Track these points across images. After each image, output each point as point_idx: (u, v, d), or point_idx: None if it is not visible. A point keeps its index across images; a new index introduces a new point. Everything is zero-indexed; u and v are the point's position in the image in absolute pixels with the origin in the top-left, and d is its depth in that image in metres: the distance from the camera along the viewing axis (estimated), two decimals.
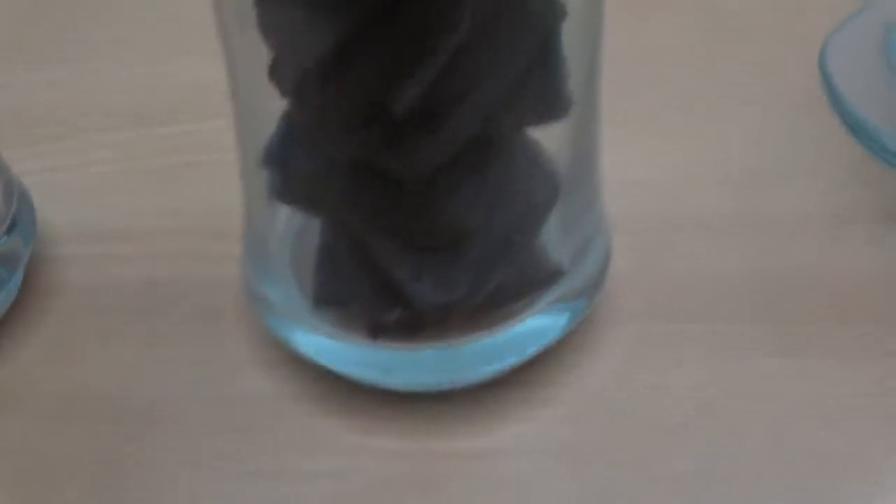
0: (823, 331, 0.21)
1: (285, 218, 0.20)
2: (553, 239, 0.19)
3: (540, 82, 0.16)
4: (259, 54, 0.16)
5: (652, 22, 0.31)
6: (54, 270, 0.23)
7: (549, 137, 0.18)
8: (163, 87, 0.29)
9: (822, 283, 0.22)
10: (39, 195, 0.24)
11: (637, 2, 0.31)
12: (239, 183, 0.20)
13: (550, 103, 0.16)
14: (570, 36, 0.16)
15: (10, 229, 0.22)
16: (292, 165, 0.17)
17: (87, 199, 0.25)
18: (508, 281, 0.18)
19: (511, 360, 0.20)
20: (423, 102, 0.15)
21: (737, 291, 0.22)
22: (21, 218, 0.23)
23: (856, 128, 0.21)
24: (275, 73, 0.16)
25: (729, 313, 0.22)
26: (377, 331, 0.18)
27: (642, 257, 0.23)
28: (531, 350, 0.20)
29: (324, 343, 0.19)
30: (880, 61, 0.21)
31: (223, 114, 0.25)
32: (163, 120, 0.28)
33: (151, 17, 0.33)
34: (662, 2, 0.32)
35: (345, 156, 0.16)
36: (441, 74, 0.14)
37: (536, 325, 0.19)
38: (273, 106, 0.17)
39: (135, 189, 0.26)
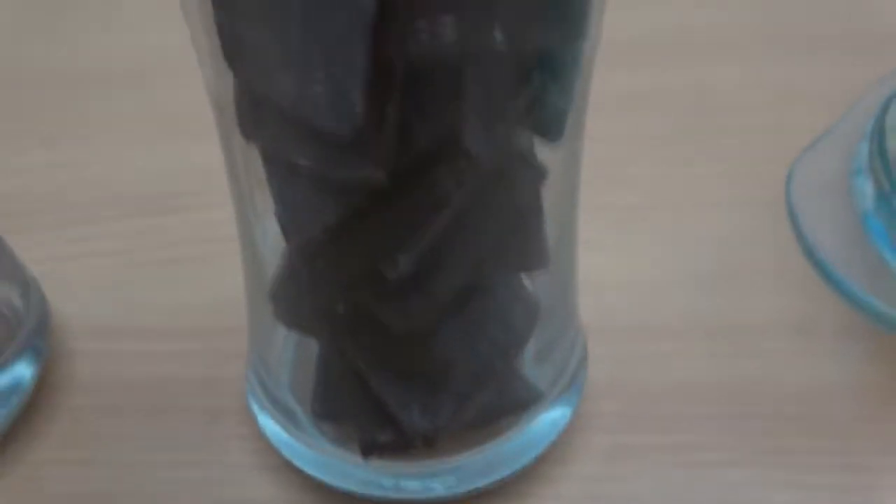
0: (785, 442, 0.23)
1: (286, 332, 0.22)
2: (531, 362, 0.21)
3: (522, 238, 0.18)
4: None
5: (628, 117, 0.32)
6: (65, 367, 0.25)
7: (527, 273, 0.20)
8: (164, 170, 0.31)
9: (784, 393, 0.24)
10: (47, 287, 0.26)
11: (612, 94, 0.31)
12: (240, 278, 0.22)
13: (531, 256, 0.18)
14: (549, 191, 0.18)
15: (30, 331, 0.24)
16: (294, 302, 0.19)
17: (93, 293, 0.27)
18: (490, 404, 0.20)
19: (502, 475, 0.21)
20: (415, 265, 0.16)
21: (703, 401, 0.24)
22: (39, 320, 0.24)
23: (815, 263, 0.23)
24: (282, 228, 0.17)
25: (696, 424, 0.23)
26: (370, 450, 0.20)
27: (614, 366, 0.24)
28: (520, 465, 0.21)
29: (319, 458, 0.21)
30: (843, 201, 0.23)
31: (223, 202, 0.27)
32: (164, 207, 0.30)
33: (154, 98, 0.35)
34: (638, 96, 0.34)
35: (342, 303, 0.17)
36: (432, 242, 0.16)
37: (523, 441, 0.21)
38: (275, 229, 0.19)
39: (140, 283, 0.27)
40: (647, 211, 0.29)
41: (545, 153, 0.18)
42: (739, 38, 0.37)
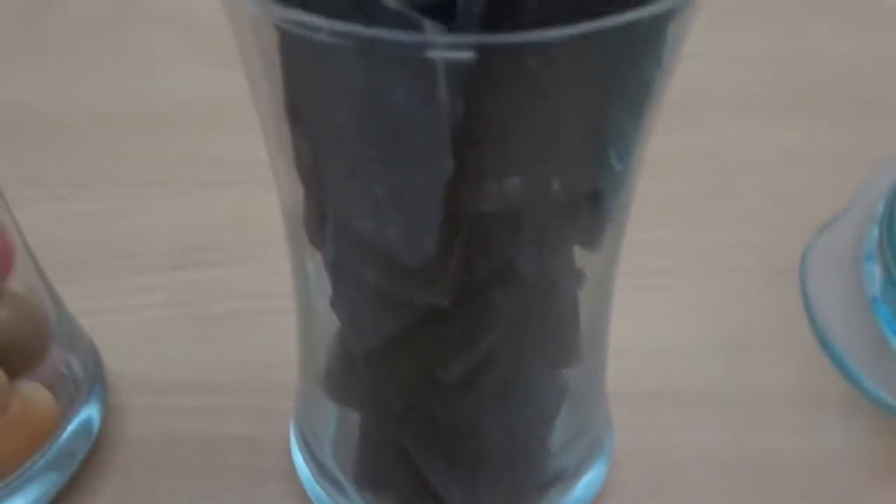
0: None
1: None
2: (563, 443, 0.22)
3: (560, 338, 0.19)
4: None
5: (645, 180, 0.34)
6: (115, 422, 0.27)
7: None
8: (206, 219, 0.33)
9: (796, 464, 0.26)
10: (96, 340, 0.28)
11: None
12: (282, 334, 0.23)
13: (568, 353, 0.20)
14: (587, 289, 0.20)
15: (89, 396, 0.25)
16: (347, 387, 0.21)
17: (141, 347, 0.29)
18: (524, 481, 0.22)
19: None
20: (467, 370, 0.18)
21: (718, 471, 0.25)
22: (97, 383, 0.26)
23: (824, 347, 0.24)
24: (342, 323, 0.19)
25: (715, 494, 0.25)
26: None
27: (634, 434, 0.26)
28: None
29: None
30: (855, 285, 0.25)
31: (263, 255, 0.28)
32: (207, 260, 0.31)
33: (193, 144, 0.36)
34: (656, 160, 0.35)
35: (395, 397, 0.19)
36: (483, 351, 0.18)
37: None
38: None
39: (186, 337, 0.29)
40: (664, 276, 0.31)
41: (585, 257, 0.19)
42: (758, 99, 0.38)
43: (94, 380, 0.26)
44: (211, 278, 0.31)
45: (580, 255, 0.19)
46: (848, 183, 0.32)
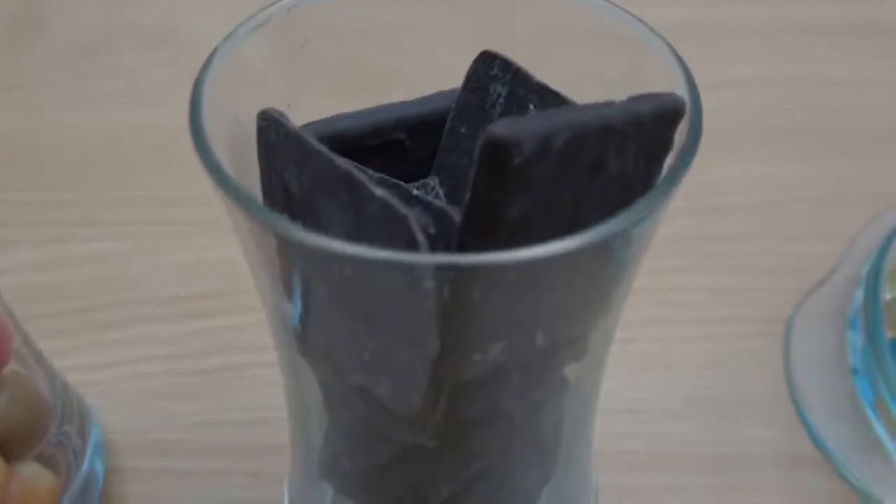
0: None
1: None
2: None
3: (544, 450, 0.20)
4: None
5: None
6: (117, 485, 0.27)
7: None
8: (202, 267, 0.33)
9: None
10: (90, 397, 0.28)
11: None
12: (274, 390, 0.23)
13: (551, 459, 0.20)
14: (573, 396, 0.20)
15: (89, 461, 0.26)
16: (341, 483, 0.21)
17: (136, 405, 0.29)
18: None
19: None
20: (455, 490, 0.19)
21: None
22: (96, 452, 0.27)
23: (803, 419, 0.25)
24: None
25: None
26: None
27: (617, 498, 0.27)
28: None
29: None
30: (838, 354, 0.25)
31: (260, 306, 0.29)
32: (201, 311, 0.31)
33: (188, 183, 0.34)
34: None
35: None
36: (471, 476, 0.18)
37: None
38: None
39: (180, 395, 0.29)
40: (649, 327, 0.31)
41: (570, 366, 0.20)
42: (751, 130, 0.38)
43: (89, 442, 0.27)
44: (207, 329, 0.31)
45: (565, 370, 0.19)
46: (846, 223, 0.32)
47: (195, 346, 0.31)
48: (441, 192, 0.18)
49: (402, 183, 0.17)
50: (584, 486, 0.24)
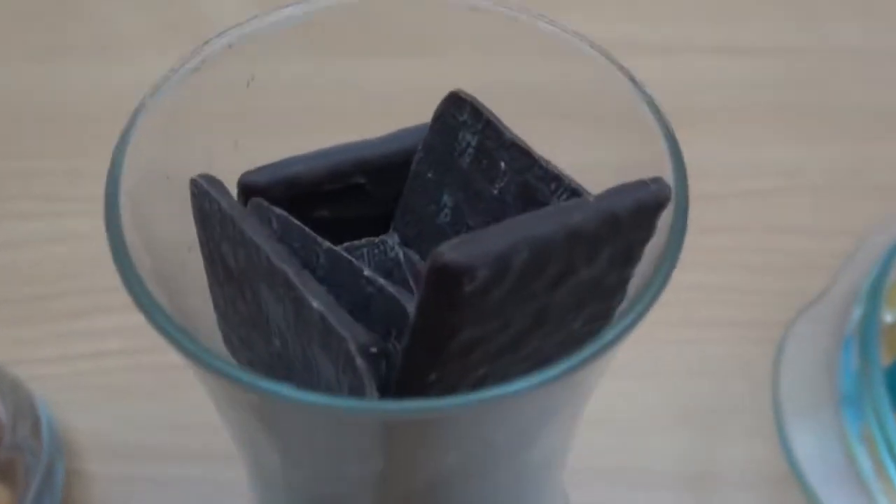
0: None
1: None
2: None
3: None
4: None
5: None
6: (80, 491, 0.26)
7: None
8: None
9: None
10: (50, 395, 0.27)
11: None
12: None
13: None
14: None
15: (47, 470, 0.25)
16: None
17: (98, 403, 0.28)
18: None
19: None
20: None
21: None
22: (54, 465, 0.26)
23: (785, 445, 0.24)
24: None
25: None
26: None
27: None
28: None
29: None
30: (830, 375, 0.24)
31: None
32: None
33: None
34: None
35: None
36: None
37: None
38: None
39: (144, 392, 0.28)
40: (638, 340, 0.30)
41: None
42: (754, 108, 0.35)
43: (44, 443, 0.26)
44: None
45: None
46: (854, 217, 0.30)
47: (159, 340, 0.30)
48: (400, 252, 0.17)
49: (353, 258, 0.15)
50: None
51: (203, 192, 0.14)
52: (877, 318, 0.26)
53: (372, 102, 0.18)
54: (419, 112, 0.18)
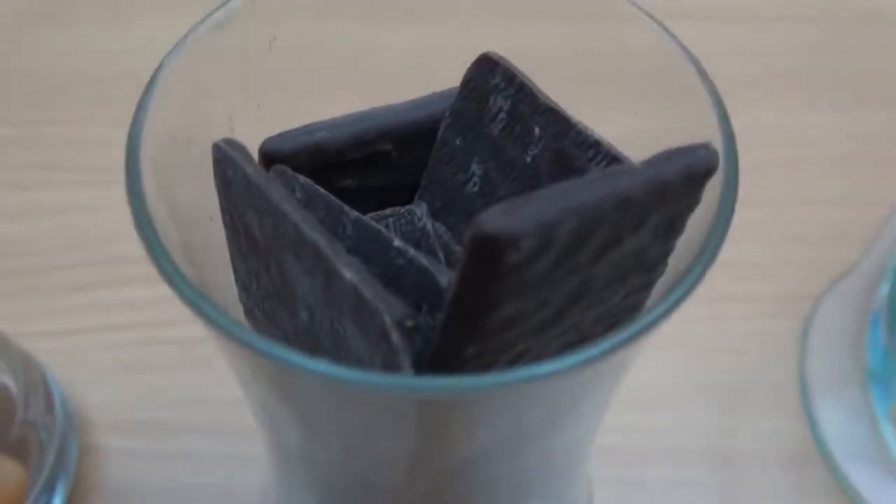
0: None
1: None
2: None
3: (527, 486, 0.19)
4: None
5: None
6: (92, 467, 0.26)
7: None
8: None
9: None
10: (63, 370, 0.27)
11: None
12: None
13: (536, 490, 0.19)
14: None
15: (60, 446, 0.25)
16: None
17: (111, 378, 0.27)
18: None
19: None
20: None
21: None
22: (67, 440, 0.25)
23: (811, 420, 0.23)
24: None
25: None
26: None
27: (618, 495, 0.25)
28: None
29: None
30: (855, 359, 0.23)
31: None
32: None
33: None
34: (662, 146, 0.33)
35: None
36: None
37: None
38: None
39: (158, 367, 0.28)
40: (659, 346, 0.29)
41: None
42: (772, 78, 0.34)
43: (57, 420, 0.26)
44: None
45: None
46: (888, 187, 0.29)
47: (172, 313, 0.29)
48: (428, 223, 0.16)
49: (382, 227, 0.14)
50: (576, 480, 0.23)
51: (227, 158, 0.14)
52: None
53: (400, 66, 0.17)
54: (448, 77, 0.17)
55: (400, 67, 0.17)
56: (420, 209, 0.16)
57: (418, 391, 0.11)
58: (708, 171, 0.13)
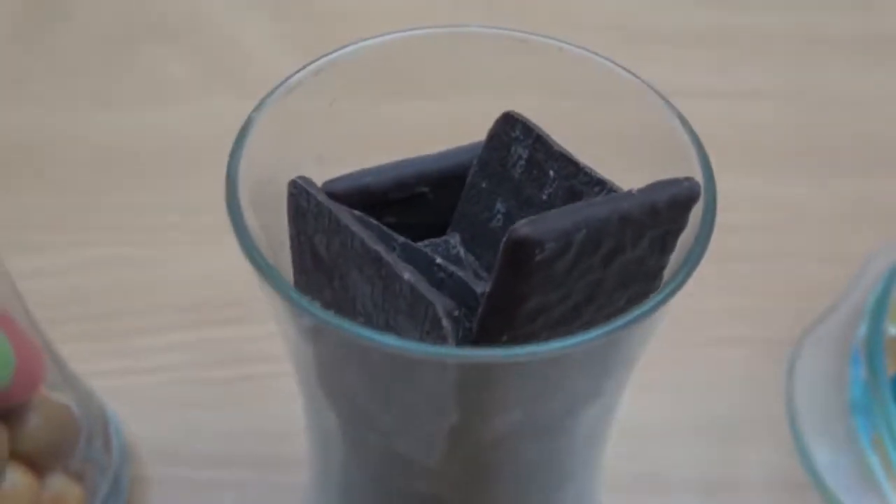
0: None
1: None
2: None
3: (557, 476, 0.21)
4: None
5: None
6: (141, 496, 0.29)
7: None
8: (226, 272, 0.31)
9: None
10: (118, 404, 0.29)
11: None
12: (296, 403, 0.24)
13: (557, 483, 0.21)
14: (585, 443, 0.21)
15: (115, 477, 0.27)
16: None
17: (159, 412, 0.30)
18: None
19: None
20: None
21: None
22: (121, 470, 0.28)
23: (800, 449, 0.26)
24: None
25: None
26: None
27: None
28: None
29: None
30: (840, 385, 0.26)
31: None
32: (226, 316, 0.32)
33: (210, 186, 0.36)
34: None
35: None
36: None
37: None
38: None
39: (203, 403, 0.30)
40: (654, 348, 0.31)
41: None
42: (760, 146, 0.38)
43: (114, 454, 0.28)
44: (232, 337, 0.32)
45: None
46: (860, 244, 0.32)
47: (218, 355, 0.32)
48: (461, 250, 0.19)
49: (425, 250, 0.17)
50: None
51: (301, 190, 0.17)
52: (881, 332, 0.28)
53: (430, 129, 0.20)
54: (474, 136, 0.21)
55: (432, 131, 0.20)
56: (454, 239, 0.19)
57: (470, 358, 0.14)
58: (690, 198, 0.16)
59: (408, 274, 0.15)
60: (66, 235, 0.35)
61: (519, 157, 0.20)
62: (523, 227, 0.14)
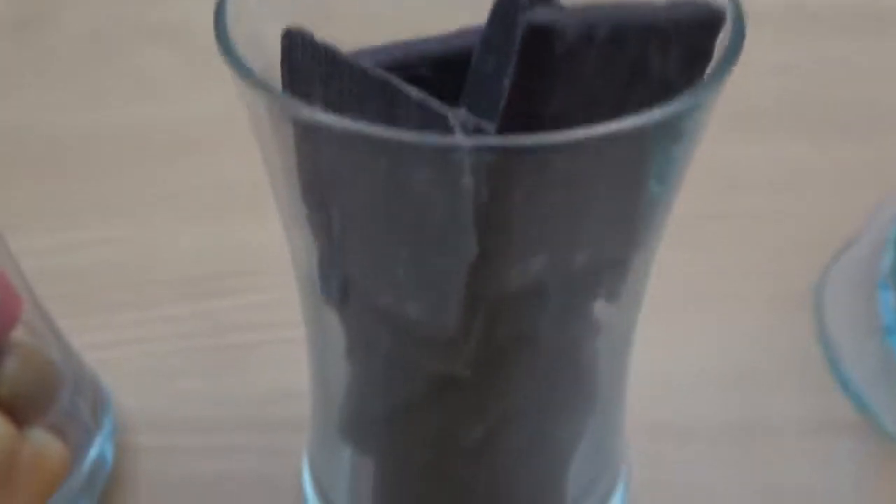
0: None
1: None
2: (578, 486, 0.23)
3: (578, 391, 0.20)
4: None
5: None
6: (127, 463, 0.27)
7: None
8: (216, 247, 0.33)
9: (811, 495, 0.26)
10: (103, 375, 0.28)
11: None
12: (292, 368, 0.24)
13: (584, 404, 0.20)
14: (608, 340, 0.20)
15: (99, 438, 0.25)
16: (365, 439, 0.21)
17: (150, 383, 0.29)
18: None
19: None
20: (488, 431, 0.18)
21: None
22: (106, 424, 0.26)
23: (839, 381, 0.24)
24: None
25: None
26: None
27: (648, 470, 0.26)
28: None
29: None
30: (869, 315, 0.25)
31: (277, 284, 0.28)
32: (217, 289, 0.31)
33: (204, 170, 0.36)
34: None
35: (415, 455, 0.19)
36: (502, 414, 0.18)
37: None
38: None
39: (193, 372, 0.29)
40: (674, 303, 0.30)
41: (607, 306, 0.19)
42: (766, 110, 0.38)
43: (103, 421, 0.26)
44: (221, 308, 0.31)
45: (602, 306, 0.19)
46: (862, 201, 0.31)
47: (208, 325, 0.30)
48: (470, 118, 0.18)
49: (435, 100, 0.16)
50: (617, 452, 0.24)
51: (296, 38, 0.15)
52: None
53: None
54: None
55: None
56: (461, 111, 0.18)
57: (480, 147, 0.12)
58: (715, 20, 0.15)
59: (415, 92, 0.14)
60: (53, 220, 0.34)
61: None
62: (541, 15, 0.13)
